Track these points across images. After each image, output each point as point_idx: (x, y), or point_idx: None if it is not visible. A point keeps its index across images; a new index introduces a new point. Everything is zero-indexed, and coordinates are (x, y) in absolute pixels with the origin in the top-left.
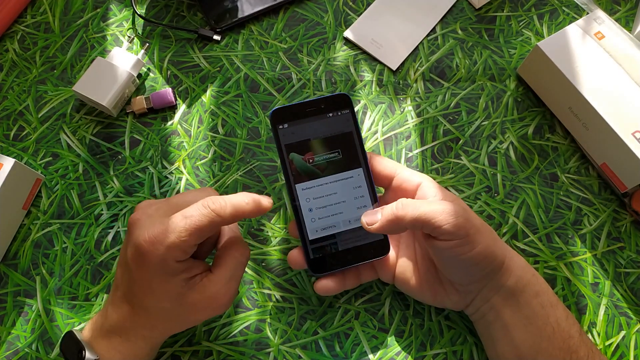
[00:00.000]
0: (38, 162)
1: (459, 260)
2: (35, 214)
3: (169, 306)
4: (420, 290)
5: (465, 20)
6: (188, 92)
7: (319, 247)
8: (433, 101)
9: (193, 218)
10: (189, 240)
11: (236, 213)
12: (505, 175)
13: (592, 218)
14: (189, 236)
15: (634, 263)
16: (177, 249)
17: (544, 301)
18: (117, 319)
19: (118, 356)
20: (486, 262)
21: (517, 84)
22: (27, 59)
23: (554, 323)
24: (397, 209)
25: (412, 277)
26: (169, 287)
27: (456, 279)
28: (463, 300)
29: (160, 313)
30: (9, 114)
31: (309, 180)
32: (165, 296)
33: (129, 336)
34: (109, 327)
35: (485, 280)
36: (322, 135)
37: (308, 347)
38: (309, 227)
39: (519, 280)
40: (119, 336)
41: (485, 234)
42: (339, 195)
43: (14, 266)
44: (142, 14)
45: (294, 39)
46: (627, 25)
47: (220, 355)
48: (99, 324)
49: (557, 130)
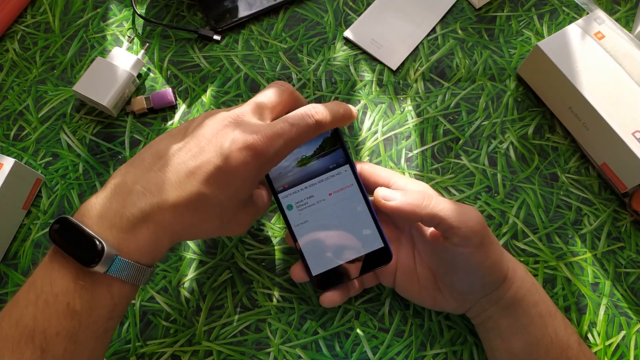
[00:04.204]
0: (38, 162)
1: (468, 268)
2: (35, 214)
3: (230, 207)
4: (420, 296)
5: (465, 20)
6: (188, 92)
7: (322, 265)
8: (433, 101)
9: (299, 127)
10: (295, 145)
11: (333, 121)
12: (505, 175)
13: (592, 218)
14: (294, 142)
15: (634, 263)
16: (283, 152)
17: (542, 311)
18: (155, 204)
19: (135, 253)
20: (493, 275)
21: (517, 84)
22: (27, 59)
23: (552, 333)
24: (422, 197)
25: (412, 283)
26: (248, 189)
27: (457, 286)
28: (461, 307)
29: (215, 208)
30: (9, 114)
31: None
32: (240, 195)
33: (158, 228)
34: (136, 215)
35: (485, 290)
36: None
37: (308, 347)
38: (311, 264)
39: (518, 291)
40: (145, 227)
41: (496, 245)
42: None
43: (14, 266)
44: (142, 14)
45: (294, 39)
46: (627, 25)
47: (220, 355)
48: (114, 210)
49: (557, 130)
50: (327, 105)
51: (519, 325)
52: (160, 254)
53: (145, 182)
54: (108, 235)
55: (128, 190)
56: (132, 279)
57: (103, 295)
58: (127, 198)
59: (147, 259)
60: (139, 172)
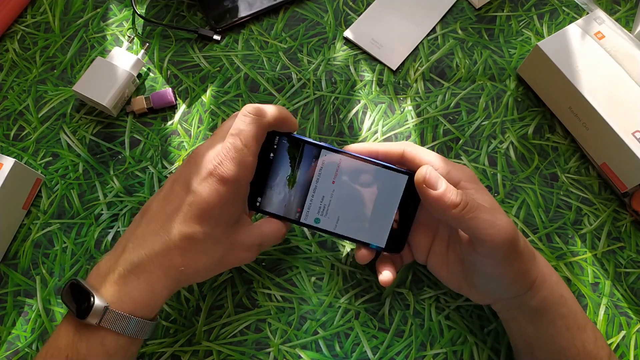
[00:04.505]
0: (38, 162)
1: (489, 276)
2: (35, 214)
3: (218, 235)
4: (447, 279)
5: (465, 20)
6: (188, 92)
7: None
8: (433, 101)
9: (244, 133)
10: (253, 151)
11: (276, 112)
12: (505, 175)
13: (592, 218)
14: (249, 148)
15: (634, 263)
16: (249, 166)
17: (570, 323)
18: (143, 254)
19: (129, 304)
20: (514, 285)
21: (517, 84)
22: (27, 59)
23: (580, 345)
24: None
25: (442, 265)
26: (231, 213)
27: (478, 285)
28: (484, 300)
29: (205, 243)
30: (9, 114)
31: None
32: (223, 223)
33: (151, 275)
34: (127, 267)
35: (506, 295)
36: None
37: (308, 347)
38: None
39: (543, 301)
40: (136, 277)
41: (526, 256)
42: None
43: (14, 266)
44: (142, 14)
45: (294, 39)
46: (627, 25)
47: (220, 355)
48: (108, 267)
49: (557, 130)
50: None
51: (545, 333)
52: (157, 304)
53: (134, 238)
54: (102, 289)
55: (122, 247)
56: (129, 331)
57: (96, 347)
58: (121, 255)
59: (144, 310)
60: (131, 230)
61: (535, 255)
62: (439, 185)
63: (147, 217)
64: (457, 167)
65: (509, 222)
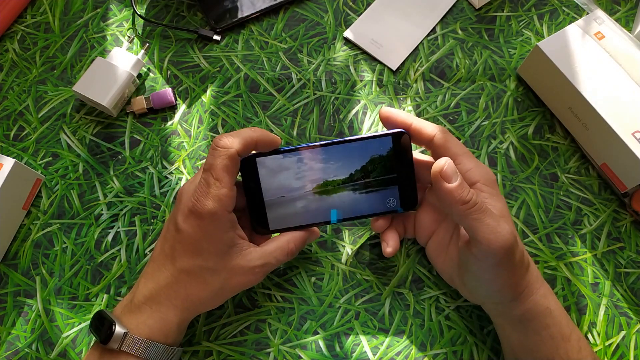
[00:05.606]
0: (38, 162)
1: (479, 278)
2: (35, 214)
3: (212, 265)
4: (441, 269)
5: (465, 20)
6: (188, 92)
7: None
8: (433, 101)
9: (214, 166)
10: (226, 182)
11: (246, 140)
12: (505, 175)
13: (592, 218)
14: (222, 181)
15: (634, 263)
16: (224, 198)
17: (554, 333)
18: (152, 287)
19: (146, 330)
20: (501, 292)
21: (517, 84)
22: (27, 59)
23: (564, 355)
24: (475, 201)
25: (439, 254)
26: (218, 243)
27: (467, 282)
28: (472, 299)
29: (201, 274)
30: (9, 114)
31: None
32: (213, 253)
33: (161, 305)
34: (140, 299)
35: (493, 299)
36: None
37: (308, 347)
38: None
39: (526, 312)
40: (149, 307)
41: (519, 269)
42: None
43: (14, 266)
44: (142, 14)
45: (294, 39)
46: (627, 25)
47: (220, 355)
48: (128, 300)
49: (557, 130)
50: (238, 131)
51: (529, 342)
52: (170, 330)
53: (145, 275)
54: (123, 319)
55: (137, 284)
56: (148, 354)
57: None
58: (136, 289)
59: (159, 336)
60: (145, 268)
61: (529, 268)
62: (453, 180)
63: (153, 256)
64: (480, 167)
65: (510, 232)
